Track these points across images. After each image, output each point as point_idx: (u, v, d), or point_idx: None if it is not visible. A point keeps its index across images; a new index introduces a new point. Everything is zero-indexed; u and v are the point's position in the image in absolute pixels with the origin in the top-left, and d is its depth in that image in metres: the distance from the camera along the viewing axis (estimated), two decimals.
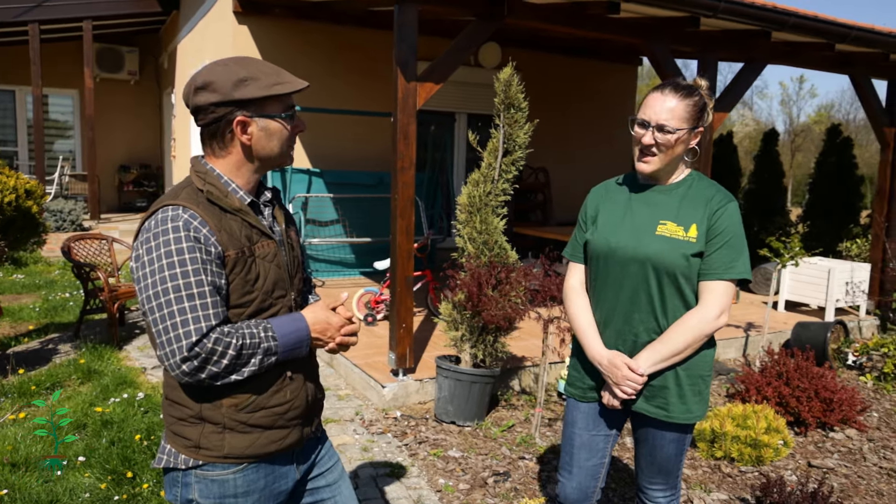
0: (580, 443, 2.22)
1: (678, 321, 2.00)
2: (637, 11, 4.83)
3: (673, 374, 2.03)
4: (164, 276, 1.43)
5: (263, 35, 7.57)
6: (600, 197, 2.18)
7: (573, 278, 2.21)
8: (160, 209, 1.50)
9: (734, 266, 1.97)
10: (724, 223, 1.97)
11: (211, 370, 1.44)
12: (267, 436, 1.59)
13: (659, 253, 1.98)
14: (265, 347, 1.50)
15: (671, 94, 1.96)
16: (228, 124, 1.53)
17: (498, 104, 4.24)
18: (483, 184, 4.25)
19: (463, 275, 4.18)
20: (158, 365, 5.27)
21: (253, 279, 1.55)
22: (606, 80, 10.11)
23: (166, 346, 1.42)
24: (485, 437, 4.08)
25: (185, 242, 1.45)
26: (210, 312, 1.44)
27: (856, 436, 4.32)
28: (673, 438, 2.11)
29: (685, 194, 2.04)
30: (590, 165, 10.09)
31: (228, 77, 1.50)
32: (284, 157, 1.62)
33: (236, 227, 1.54)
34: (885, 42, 5.64)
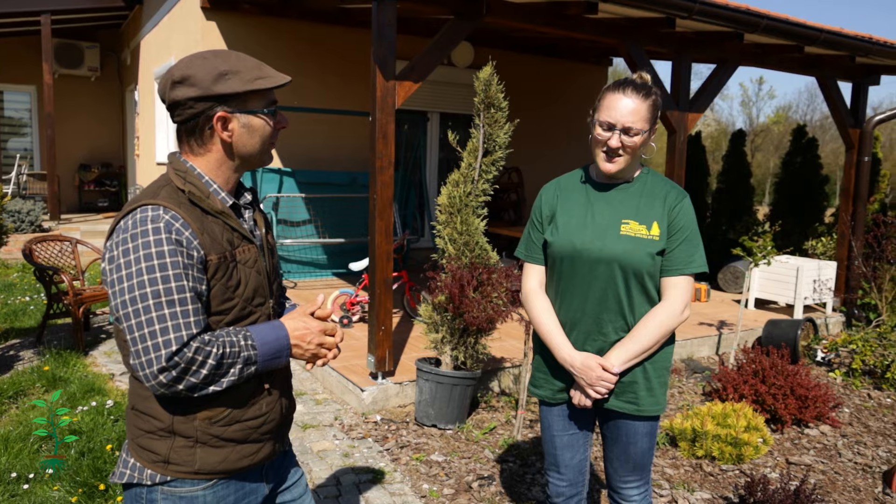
0: (562, 444, 2.25)
1: (645, 318, 2.03)
2: (614, 12, 4.84)
3: (641, 369, 2.06)
4: (142, 281, 1.35)
5: (232, 31, 7.41)
6: (554, 196, 2.15)
7: (532, 280, 2.18)
8: (138, 208, 1.41)
9: (693, 260, 2.02)
10: (682, 219, 2.02)
11: (189, 381, 1.36)
12: (239, 450, 1.52)
13: (626, 253, 2.00)
14: (245, 357, 1.42)
15: (633, 96, 1.95)
16: (208, 120, 1.46)
17: (478, 103, 4.20)
18: (463, 184, 4.21)
19: (444, 276, 4.13)
20: (127, 371, 5.10)
21: (234, 286, 1.48)
22: (577, 80, 10.16)
23: (142, 356, 1.34)
24: (467, 440, 4.04)
25: (167, 245, 1.36)
26: (191, 320, 1.37)
27: (830, 432, 4.39)
28: (645, 432, 2.13)
29: (642, 191, 2.07)
30: (561, 165, 10.13)
31: (208, 71, 1.43)
32: (265, 156, 1.55)
33: (218, 231, 1.46)
34: (852, 45, 5.76)
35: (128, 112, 12.78)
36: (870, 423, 4.62)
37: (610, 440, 2.18)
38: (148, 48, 10.35)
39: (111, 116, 13.18)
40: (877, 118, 6.90)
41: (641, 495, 2.23)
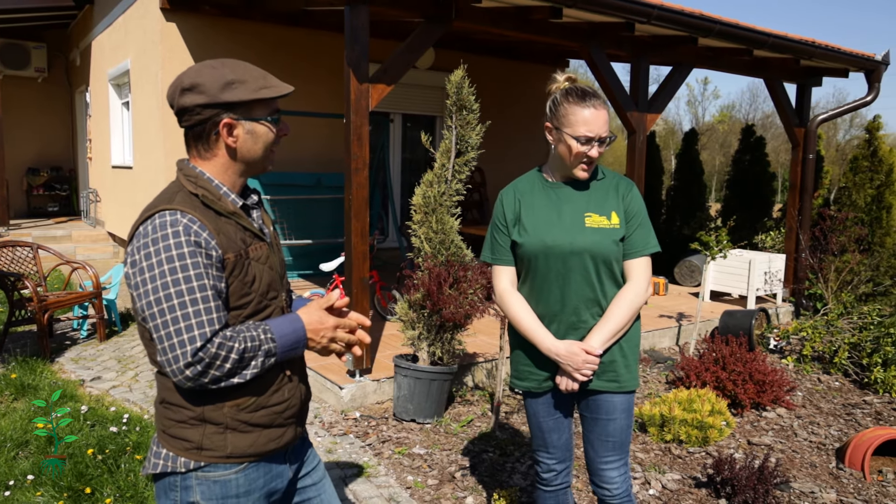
0: (548, 427, 2.39)
1: (616, 299, 2.21)
2: (577, 17, 5.02)
3: (618, 347, 2.23)
4: (165, 282, 1.43)
5: (193, 33, 7.35)
6: (514, 200, 2.29)
7: (504, 280, 2.30)
8: (156, 213, 1.49)
9: (649, 242, 2.24)
10: (635, 206, 2.24)
11: (214, 374, 1.44)
12: (266, 434, 1.61)
13: (595, 244, 2.17)
14: (266, 349, 1.51)
15: (600, 106, 2.13)
16: (214, 126, 1.54)
17: (450, 105, 4.31)
18: (437, 184, 4.32)
19: (420, 274, 4.23)
20: (98, 376, 5.05)
21: (250, 281, 1.56)
22: (535, 82, 10.37)
23: (169, 352, 1.42)
24: (446, 433, 4.15)
25: (187, 247, 1.45)
26: (214, 317, 1.45)
27: (786, 414, 4.66)
28: (624, 408, 2.28)
29: (594, 185, 2.26)
30: (522, 165, 10.33)
31: (216, 79, 1.52)
32: (267, 161, 1.65)
33: (232, 231, 1.55)
34: (797, 48, 6.08)
35: (78, 114, 12.47)
36: (821, 405, 4.91)
37: (589, 420, 2.32)
38: (101, 49, 10.13)
39: (61, 119, 12.83)
40: (820, 117, 7.29)
41: (622, 477, 2.34)
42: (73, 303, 5.72)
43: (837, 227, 6.99)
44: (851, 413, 4.77)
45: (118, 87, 9.82)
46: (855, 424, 4.54)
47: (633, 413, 2.35)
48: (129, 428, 3.99)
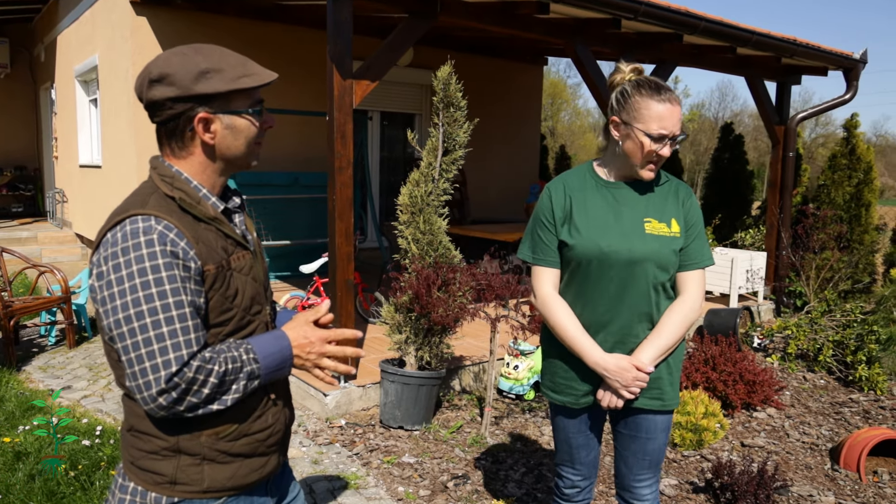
0: (578, 444, 2.24)
1: (668, 313, 2.05)
2: (564, 12, 4.93)
3: (665, 364, 2.08)
4: (136, 298, 1.27)
5: (165, 28, 7.11)
6: (564, 196, 2.10)
7: (546, 284, 2.11)
8: (127, 219, 1.32)
9: (705, 254, 2.08)
10: (694, 214, 2.08)
11: (190, 401, 1.29)
12: (248, 464, 1.46)
13: (655, 252, 2.00)
14: (248, 371, 1.35)
15: (676, 102, 1.95)
16: (188, 122, 1.38)
17: (437, 102, 4.19)
18: (424, 183, 4.19)
19: (408, 276, 4.10)
20: (68, 386, 4.83)
21: (232, 295, 1.40)
22: (514, 79, 10.29)
23: (140, 378, 1.26)
24: (435, 440, 4.03)
25: (161, 258, 1.29)
26: (191, 337, 1.29)
27: (776, 414, 4.62)
28: (664, 427, 2.15)
29: (651, 187, 2.08)
30: (502, 163, 10.24)
31: (188, 69, 1.35)
32: (251, 157, 1.48)
33: (212, 238, 1.39)
34: (779, 46, 6.07)
35: (43, 111, 12.06)
36: (809, 404, 4.89)
37: (627, 438, 2.18)
38: (67, 44, 9.79)
39: (24, 116, 12.41)
40: (800, 115, 7.32)
41: (653, 494, 2.23)
42: (41, 308, 5.48)
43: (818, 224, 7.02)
44: (840, 412, 4.76)
45: (85, 83, 9.50)
46: (845, 424, 4.52)
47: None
48: (102, 441, 3.80)
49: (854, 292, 7.38)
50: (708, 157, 39.11)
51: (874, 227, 7.49)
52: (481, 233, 7.10)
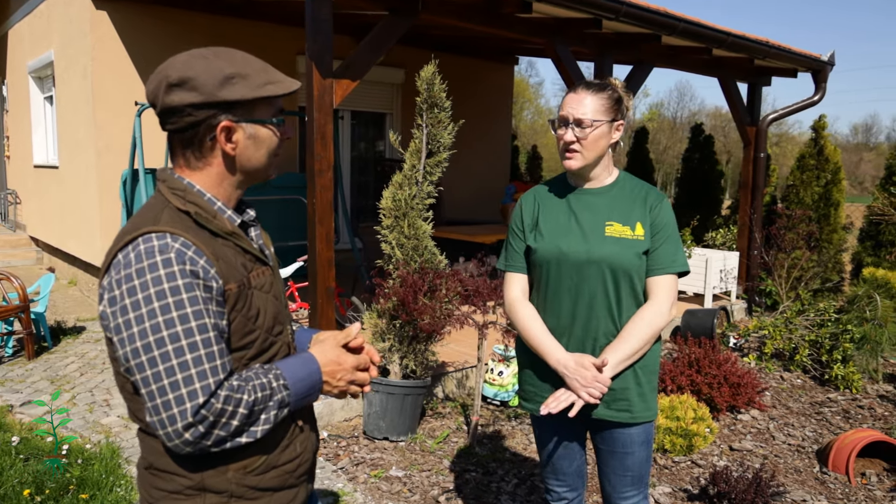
0: (557, 455, 2.21)
1: (633, 318, 2.01)
2: (546, 12, 4.85)
3: (632, 373, 2.02)
4: (156, 324, 1.15)
5: (127, 23, 6.81)
6: (534, 203, 2.15)
7: (515, 289, 2.14)
8: (140, 237, 1.20)
9: (676, 259, 2.03)
10: (663, 219, 2.03)
11: (218, 435, 1.18)
12: (277, 498, 1.35)
13: (613, 254, 1.99)
14: (278, 399, 1.25)
15: (584, 91, 1.99)
16: (210, 130, 1.26)
17: (420, 103, 4.06)
18: (407, 186, 4.07)
19: (392, 282, 3.97)
20: (28, 400, 4.56)
21: (254, 316, 1.29)
22: (486, 78, 10.20)
23: (163, 411, 1.14)
24: (422, 451, 3.91)
25: (181, 278, 1.17)
26: (218, 364, 1.18)
27: (759, 416, 4.63)
28: (642, 440, 2.09)
29: (620, 194, 2.07)
30: (473, 163, 10.15)
31: (212, 73, 1.24)
32: (271, 169, 1.38)
33: (230, 255, 1.28)
34: (754, 48, 6.11)
35: None
36: (790, 405, 4.91)
37: (605, 453, 2.13)
38: (19, 39, 9.35)
39: None
40: (770, 116, 7.40)
41: None
42: None
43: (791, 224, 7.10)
44: (821, 412, 4.79)
45: (40, 79, 9.09)
46: (827, 424, 4.55)
47: (653, 442, 2.17)
48: (70, 461, 3.58)
49: (823, 291, 7.49)
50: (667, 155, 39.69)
51: (842, 227, 7.62)
52: (459, 234, 6.99)
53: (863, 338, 5.74)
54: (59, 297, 7.71)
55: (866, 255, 7.29)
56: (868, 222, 7.30)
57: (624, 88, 2.07)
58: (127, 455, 3.72)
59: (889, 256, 7.05)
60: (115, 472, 3.49)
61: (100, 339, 6.09)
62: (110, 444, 3.82)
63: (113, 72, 6.78)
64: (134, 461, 3.65)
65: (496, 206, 10.01)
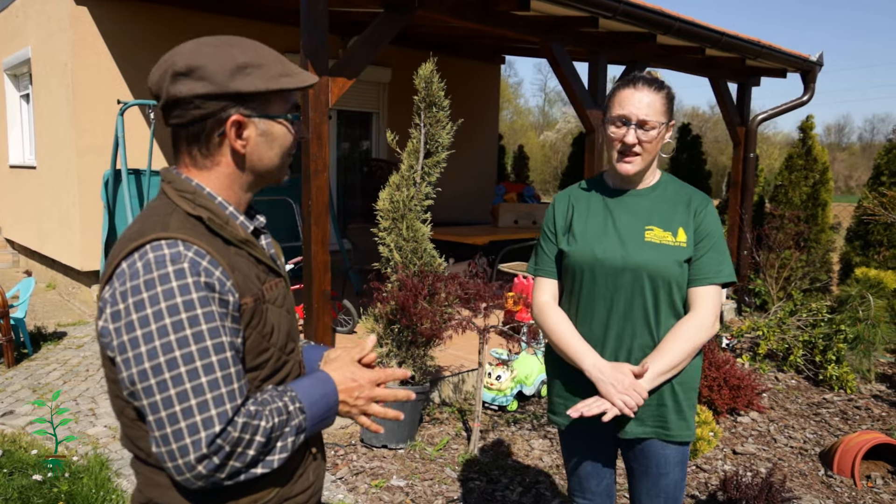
0: (586, 472, 2.10)
1: (673, 331, 1.87)
2: (542, 10, 4.78)
3: (669, 389, 1.90)
4: (167, 342, 1.03)
5: (109, 20, 6.62)
6: (567, 205, 2.02)
7: (544, 293, 2.02)
8: (148, 244, 1.08)
9: (722, 269, 1.89)
10: (708, 225, 1.91)
11: (233, 466, 1.06)
12: None
13: (652, 261, 1.86)
14: (295, 425, 1.14)
15: (646, 89, 1.84)
16: (219, 125, 1.15)
17: (418, 102, 3.97)
18: (405, 187, 3.97)
19: (390, 286, 3.87)
20: (9, 411, 4.38)
21: (269, 333, 1.18)
22: (472, 78, 10.12)
23: (173, 442, 1.03)
24: (422, 459, 3.81)
25: (195, 292, 1.05)
26: (235, 388, 1.07)
27: (759, 418, 4.60)
28: (677, 460, 1.97)
29: (662, 196, 1.95)
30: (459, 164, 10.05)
31: (223, 62, 1.13)
32: (283, 171, 1.26)
33: (244, 265, 1.17)
34: (746, 48, 6.10)
35: None
36: (788, 406, 4.89)
37: (637, 473, 2.01)
38: None
39: None
40: (760, 117, 7.40)
41: None
42: None
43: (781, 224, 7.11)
44: (818, 413, 4.77)
45: (15, 77, 8.83)
46: (826, 425, 4.53)
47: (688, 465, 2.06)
48: (56, 475, 3.42)
49: (812, 291, 7.52)
50: None
51: (830, 227, 7.66)
52: (451, 236, 6.90)
53: (856, 338, 5.75)
54: (37, 302, 7.48)
55: (855, 254, 7.33)
56: (857, 222, 7.33)
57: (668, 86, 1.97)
58: (117, 468, 3.57)
59: (877, 256, 7.09)
60: (106, 485, 3.35)
61: (82, 344, 5.90)
62: (98, 456, 3.67)
63: (94, 70, 6.59)
64: (125, 474, 3.51)
65: (484, 206, 9.93)
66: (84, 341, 5.97)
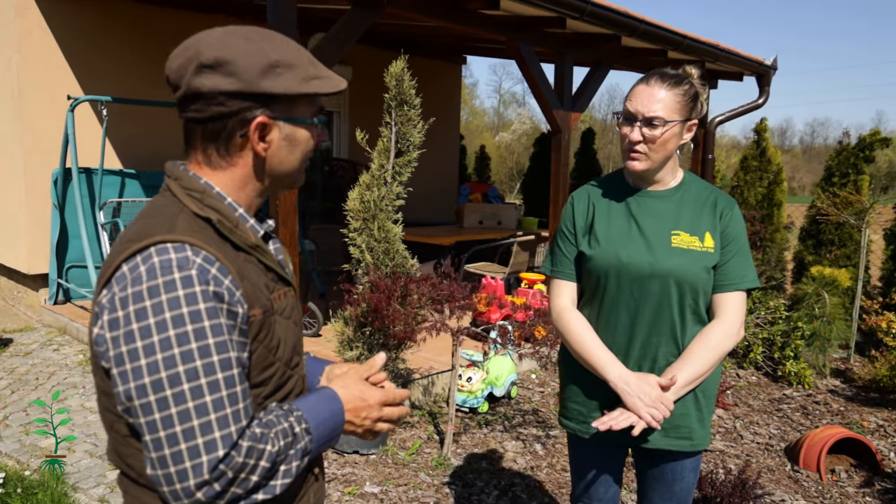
0: (595, 479, 2.05)
1: (699, 339, 1.82)
2: (512, 10, 4.76)
3: (693, 398, 1.86)
4: (171, 356, 0.95)
5: (59, 12, 6.33)
6: (587, 204, 1.93)
7: (563, 297, 1.93)
8: (152, 246, 1.00)
9: (747, 275, 1.85)
10: (734, 229, 1.86)
11: (234, 493, 0.98)
12: None
13: (680, 268, 1.79)
14: (301, 448, 1.06)
15: (658, 84, 1.78)
16: (242, 125, 1.07)
17: (389, 100, 3.90)
18: (376, 187, 3.89)
19: (361, 288, 3.79)
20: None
21: (275, 347, 1.11)
22: (434, 78, 10.07)
23: (171, 465, 0.95)
24: (395, 464, 3.74)
25: (203, 302, 0.98)
26: (240, 408, 1.00)
27: (724, 415, 4.67)
28: (692, 467, 1.96)
29: (686, 199, 1.88)
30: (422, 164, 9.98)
31: (255, 58, 1.04)
32: (301, 175, 1.19)
33: (254, 273, 1.09)
34: (706, 51, 6.21)
35: None
36: (751, 402, 4.99)
37: (651, 478, 1.98)
38: None
39: None
40: (718, 118, 7.56)
41: None
42: None
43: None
44: (780, 409, 4.88)
45: None
46: (789, 421, 4.63)
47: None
48: (7, 490, 3.23)
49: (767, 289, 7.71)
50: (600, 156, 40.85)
51: (784, 226, 7.87)
52: (416, 237, 6.83)
53: (812, 334, 5.91)
54: None
55: (808, 253, 7.55)
56: (810, 221, 7.55)
57: (700, 81, 1.87)
58: (73, 482, 3.40)
59: (829, 255, 7.31)
60: (62, 501, 3.18)
61: (30, 352, 5.63)
62: (54, 470, 3.48)
63: (41, 64, 6.29)
64: (82, 488, 3.34)
65: (448, 207, 9.90)
66: (32, 348, 5.70)
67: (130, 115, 6.92)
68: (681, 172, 1.93)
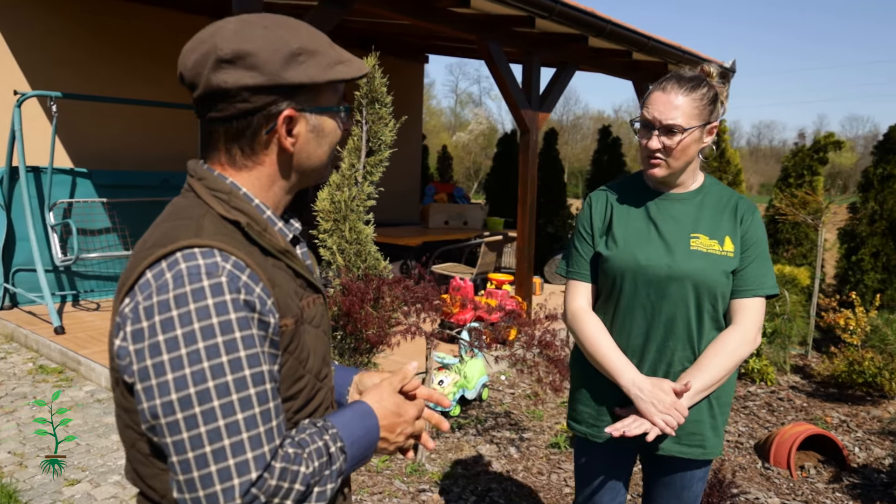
0: (602, 486, 1.99)
1: (715, 345, 1.78)
2: (481, 8, 4.71)
3: (707, 405, 1.82)
4: (200, 371, 0.87)
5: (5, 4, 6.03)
6: (606, 205, 1.89)
7: (579, 298, 1.90)
8: (179, 251, 0.92)
9: (766, 281, 1.81)
10: (755, 233, 1.82)
11: None
12: None
13: (699, 270, 1.76)
14: (336, 469, 0.98)
15: (675, 90, 1.72)
16: (267, 121, 0.99)
17: (359, 97, 3.80)
18: (346, 187, 3.79)
19: (332, 291, 3.68)
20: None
21: (305, 358, 1.04)
22: (396, 77, 9.96)
23: (200, 489, 0.87)
24: (368, 471, 3.64)
25: (234, 312, 0.90)
26: (273, 426, 0.92)
27: None
28: (702, 475, 1.93)
29: (706, 202, 1.84)
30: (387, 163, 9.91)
31: (275, 47, 0.97)
32: (329, 169, 1.12)
33: (284, 280, 1.01)
34: (670, 53, 6.28)
35: None
36: None
37: (660, 485, 1.94)
38: None
39: None
40: None
41: None
42: None
43: None
44: (747, 406, 4.95)
45: None
46: (755, 418, 4.70)
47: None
48: None
49: None
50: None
51: None
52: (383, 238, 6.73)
53: (774, 332, 6.03)
54: None
55: None
56: (768, 220, 7.72)
57: (719, 80, 1.81)
58: (27, 500, 3.21)
59: (786, 253, 7.49)
60: None
61: None
62: (5, 487, 3.28)
63: None
64: None
65: (411, 207, 9.81)
66: None
67: (82, 111, 6.64)
68: (701, 176, 1.89)
